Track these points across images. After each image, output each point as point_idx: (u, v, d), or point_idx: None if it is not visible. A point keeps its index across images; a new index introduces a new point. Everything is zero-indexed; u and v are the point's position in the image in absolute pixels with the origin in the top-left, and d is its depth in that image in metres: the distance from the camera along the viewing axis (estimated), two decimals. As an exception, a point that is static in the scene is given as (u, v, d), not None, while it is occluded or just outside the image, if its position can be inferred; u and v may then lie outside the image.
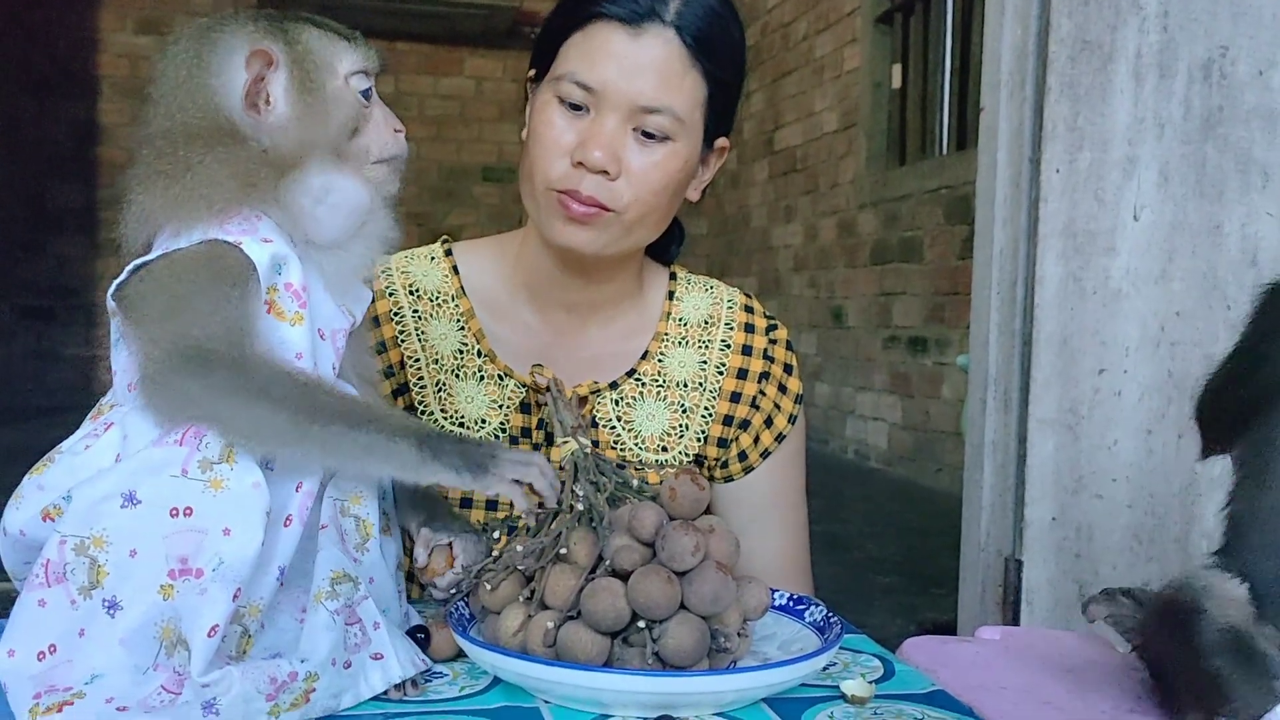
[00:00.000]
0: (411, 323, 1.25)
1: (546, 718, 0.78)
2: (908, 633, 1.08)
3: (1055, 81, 1.79)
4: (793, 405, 1.32)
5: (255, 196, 0.82)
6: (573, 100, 1.13)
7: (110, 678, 0.73)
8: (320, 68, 0.84)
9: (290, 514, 0.79)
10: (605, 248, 1.17)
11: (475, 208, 8.61)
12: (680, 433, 1.26)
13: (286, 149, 0.83)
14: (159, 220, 0.81)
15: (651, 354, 1.27)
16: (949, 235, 5.45)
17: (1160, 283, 1.81)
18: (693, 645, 0.79)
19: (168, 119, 0.84)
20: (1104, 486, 1.81)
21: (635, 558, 0.80)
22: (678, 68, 1.13)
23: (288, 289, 0.82)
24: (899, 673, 0.91)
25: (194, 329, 0.77)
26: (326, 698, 0.76)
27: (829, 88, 6.94)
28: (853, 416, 6.54)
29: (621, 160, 1.13)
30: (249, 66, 0.82)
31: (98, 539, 0.74)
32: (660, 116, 1.13)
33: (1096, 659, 1.05)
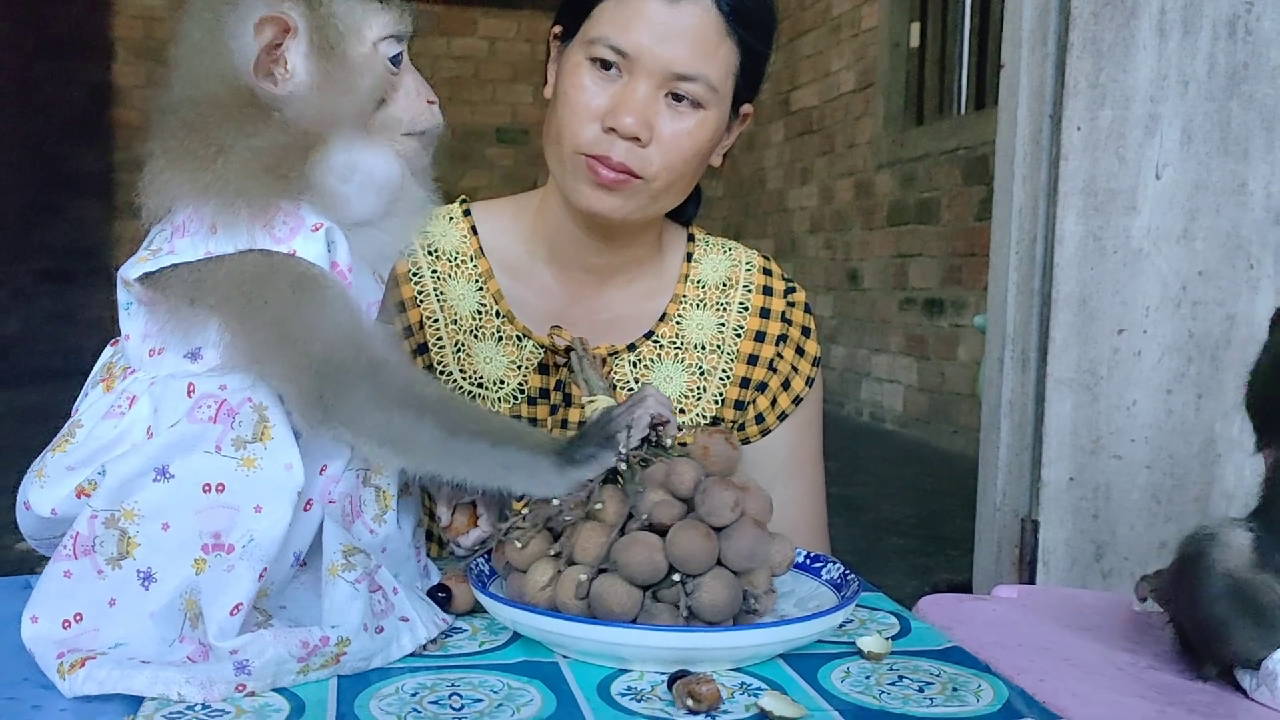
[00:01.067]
0: (430, 283, 1.25)
1: (565, 672, 0.78)
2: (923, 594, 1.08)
3: (1078, 37, 1.76)
4: (810, 368, 1.32)
5: (289, 188, 0.78)
6: (605, 59, 1.12)
7: (134, 645, 0.74)
8: (345, 33, 0.79)
9: (311, 498, 0.80)
10: (631, 214, 1.16)
11: (489, 169, 8.59)
12: (698, 395, 1.27)
13: (308, 122, 0.78)
14: (186, 200, 0.78)
15: (669, 316, 1.27)
16: (966, 196, 5.41)
17: (1182, 242, 1.79)
18: (726, 601, 0.79)
19: (190, 86, 0.80)
20: (1122, 447, 1.81)
21: (674, 512, 0.80)
22: (713, 36, 1.12)
23: (335, 268, 0.80)
24: (915, 629, 0.91)
25: (315, 345, 0.76)
26: (357, 660, 0.77)
27: (846, 47, 6.87)
28: (868, 379, 6.53)
29: (653, 127, 1.12)
30: (259, 34, 0.76)
31: (128, 512, 0.75)
32: (694, 84, 1.12)
33: (1114, 616, 1.05)
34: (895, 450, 5.69)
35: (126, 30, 8.27)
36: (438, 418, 0.79)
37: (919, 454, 5.53)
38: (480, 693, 0.74)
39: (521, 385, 1.22)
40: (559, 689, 0.75)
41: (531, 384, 1.22)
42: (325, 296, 0.78)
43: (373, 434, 0.78)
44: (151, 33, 8.25)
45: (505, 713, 0.71)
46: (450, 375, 1.22)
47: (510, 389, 1.22)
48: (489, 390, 1.22)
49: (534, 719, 0.70)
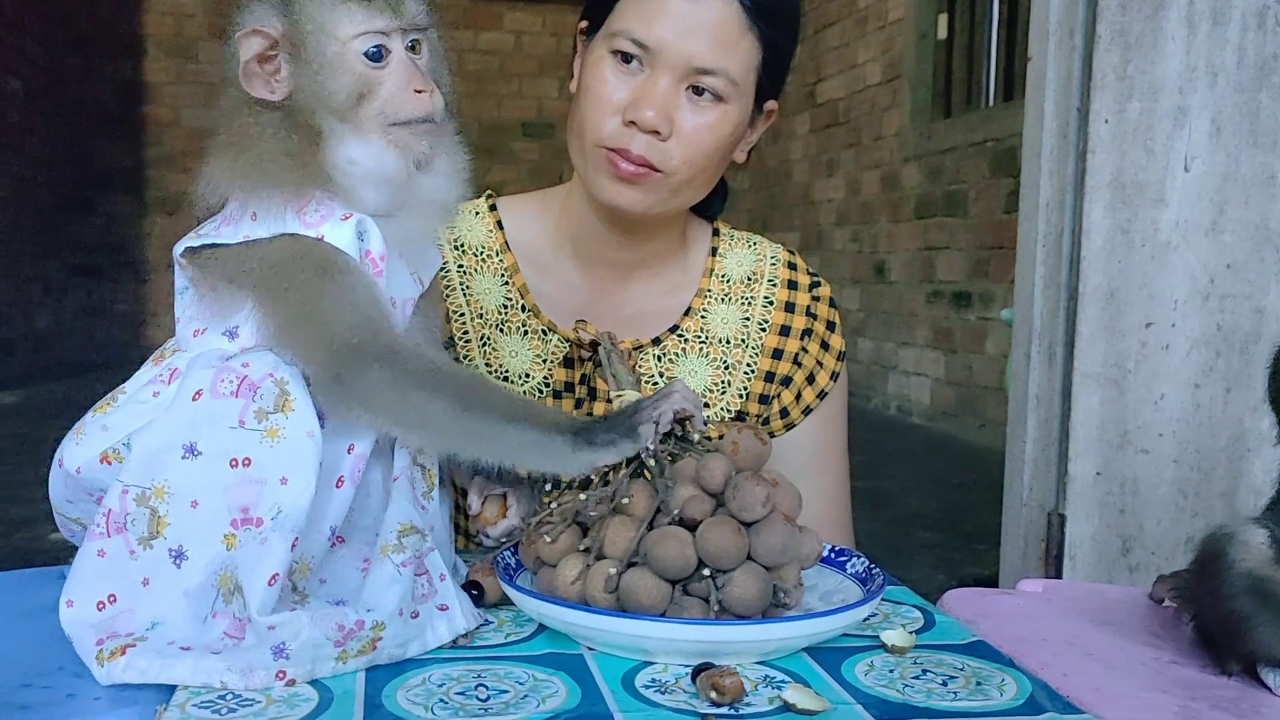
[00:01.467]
0: (456, 277, 1.26)
1: (591, 664, 0.79)
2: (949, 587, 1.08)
3: (1105, 30, 1.75)
4: (835, 362, 1.32)
5: (312, 176, 0.82)
6: (626, 52, 1.13)
7: (170, 625, 0.76)
8: (315, 34, 0.81)
9: (342, 475, 0.81)
10: (652, 208, 1.17)
11: (515, 163, 8.61)
12: (722, 389, 1.27)
13: (303, 122, 0.82)
14: (229, 188, 0.83)
15: (694, 310, 1.28)
16: (994, 188, 5.38)
17: (1211, 235, 1.78)
18: (757, 595, 0.80)
19: (225, 92, 0.85)
20: (1150, 441, 1.80)
21: (705, 507, 0.81)
22: (734, 30, 1.12)
23: (367, 256, 0.83)
24: (939, 623, 0.92)
25: (335, 326, 0.79)
26: (393, 646, 0.78)
27: (873, 39, 6.84)
28: (895, 372, 6.51)
29: (673, 121, 1.12)
30: (244, 47, 0.81)
31: (159, 490, 0.76)
32: (715, 78, 1.12)
33: (1139, 611, 1.04)
34: (922, 444, 5.67)
35: (157, 27, 8.33)
36: (453, 396, 0.81)
37: (946, 447, 5.51)
38: (506, 684, 0.75)
39: (546, 379, 1.23)
40: (584, 681, 0.76)
41: (557, 378, 1.23)
42: (347, 281, 0.80)
43: (388, 412, 0.80)
44: (181, 29, 8.32)
45: (531, 704, 0.72)
46: (476, 369, 1.23)
47: (535, 383, 1.23)
48: (514, 384, 1.23)
49: (559, 710, 0.71)
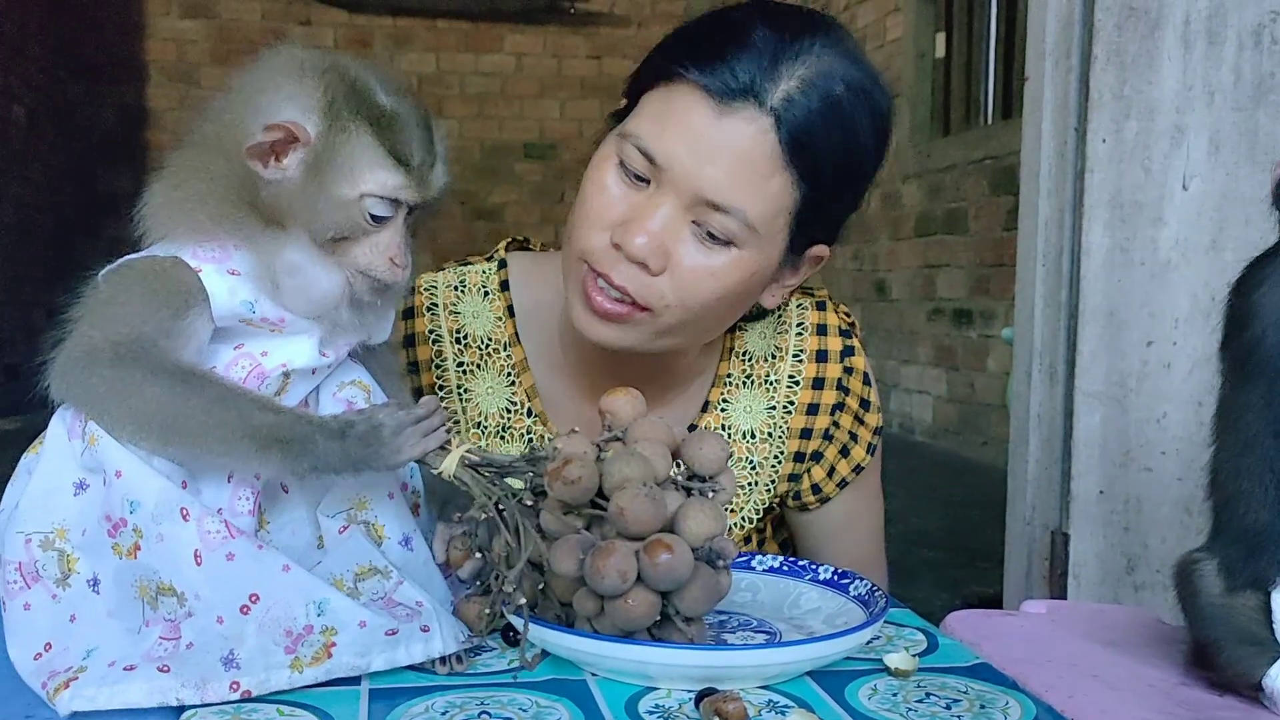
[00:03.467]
0: (454, 377, 1.12)
1: (593, 690, 0.79)
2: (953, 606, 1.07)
3: (1101, 49, 1.76)
4: (871, 435, 1.20)
5: (237, 230, 0.80)
6: (633, 169, 0.96)
7: (105, 647, 0.76)
8: (339, 172, 0.79)
9: (220, 507, 0.80)
10: (633, 346, 1.01)
11: (517, 185, 8.63)
12: (749, 491, 1.15)
13: (279, 209, 0.81)
14: (149, 222, 0.83)
15: (713, 404, 1.14)
16: (994, 206, 5.39)
17: (1211, 253, 1.78)
18: (703, 595, 0.79)
19: (208, 122, 0.83)
20: (1153, 459, 1.80)
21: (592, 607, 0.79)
22: (762, 166, 0.93)
23: (264, 322, 0.82)
24: (942, 646, 0.91)
25: (97, 331, 0.79)
26: (352, 656, 0.76)
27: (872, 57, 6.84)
28: (897, 390, 6.50)
29: (670, 255, 0.95)
30: (269, 131, 0.78)
31: (60, 530, 0.78)
32: (727, 217, 0.94)
33: (1144, 632, 1.04)
34: (925, 461, 5.66)
35: (159, 53, 8.38)
36: (171, 406, 0.77)
37: (948, 465, 5.50)
38: (509, 710, 0.75)
39: None
40: (587, 707, 0.76)
41: None
42: (163, 312, 0.79)
43: (102, 415, 0.78)
44: (184, 56, 8.36)
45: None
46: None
47: None
48: None
49: (563, 737, 0.71)
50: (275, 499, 0.84)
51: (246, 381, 0.81)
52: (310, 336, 0.84)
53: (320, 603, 0.77)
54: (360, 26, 8.60)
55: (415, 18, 8.63)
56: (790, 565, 1.00)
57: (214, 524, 0.76)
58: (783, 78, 0.93)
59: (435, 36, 8.68)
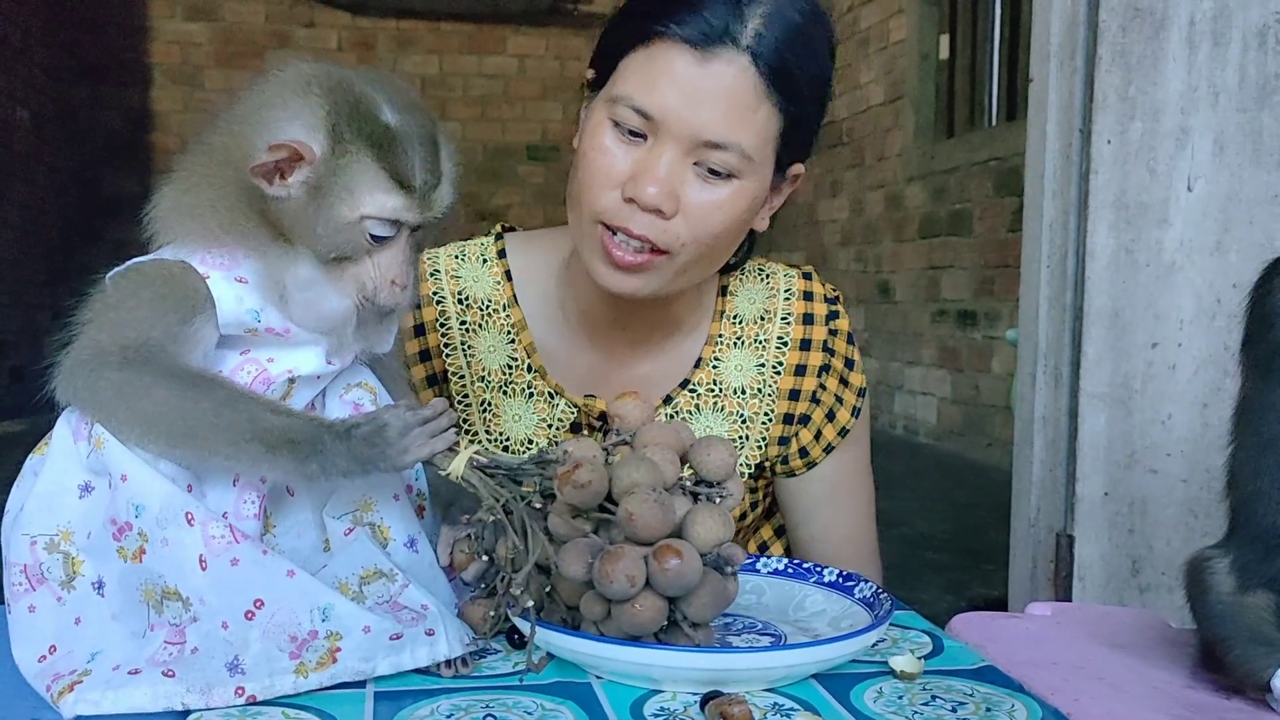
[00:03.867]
0: (458, 335, 1.19)
1: (599, 693, 0.79)
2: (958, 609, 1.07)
3: (1106, 51, 1.76)
4: (856, 398, 1.24)
5: (247, 240, 0.80)
6: (629, 126, 1.02)
7: (109, 650, 0.76)
8: (340, 193, 0.79)
9: (225, 510, 0.80)
10: (656, 291, 1.07)
11: (521, 186, 8.64)
12: (740, 444, 1.20)
13: (284, 225, 0.80)
14: (158, 225, 0.82)
15: (705, 360, 1.19)
16: (999, 207, 5.39)
17: (1216, 254, 1.78)
18: (710, 600, 0.79)
19: (217, 135, 0.83)
20: (1158, 461, 1.79)
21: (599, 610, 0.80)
22: (749, 100, 1.01)
23: (269, 331, 0.82)
24: (948, 648, 0.91)
25: (105, 335, 0.78)
26: (356, 661, 0.77)
27: (875, 59, 6.87)
28: (901, 391, 6.50)
29: (679, 197, 1.02)
30: (274, 150, 0.78)
31: (65, 533, 0.78)
32: (725, 153, 1.01)
33: (1150, 634, 1.04)
34: (929, 463, 5.66)
35: (163, 56, 8.39)
36: (180, 409, 0.77)
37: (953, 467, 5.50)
38: (514, 713, 0.75)
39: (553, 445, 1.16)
40: (592, 710, 0.76)
41: None
42: (170, 316, 0.79)
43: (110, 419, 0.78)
44: (188, 58, 8.38)
45: (539, 734, 0.72)
46: (475, 435, 1.17)
47: None
48: (516, 450, 1.16)
49: (568, 740, 0.71)
50: (281, 502, 0.84)
51: (252, 386, 0.81)
52: (316, 346, 0.84)
53: (325, 608, 0.77)
54: (364, 29, 8.61)
55: (418, 20, 8.63)
56: (795, 568, 1.00)
57: (219, 529, 0.76)
58: (749, 17, 1.01)
59: (438, 38, 8.69)
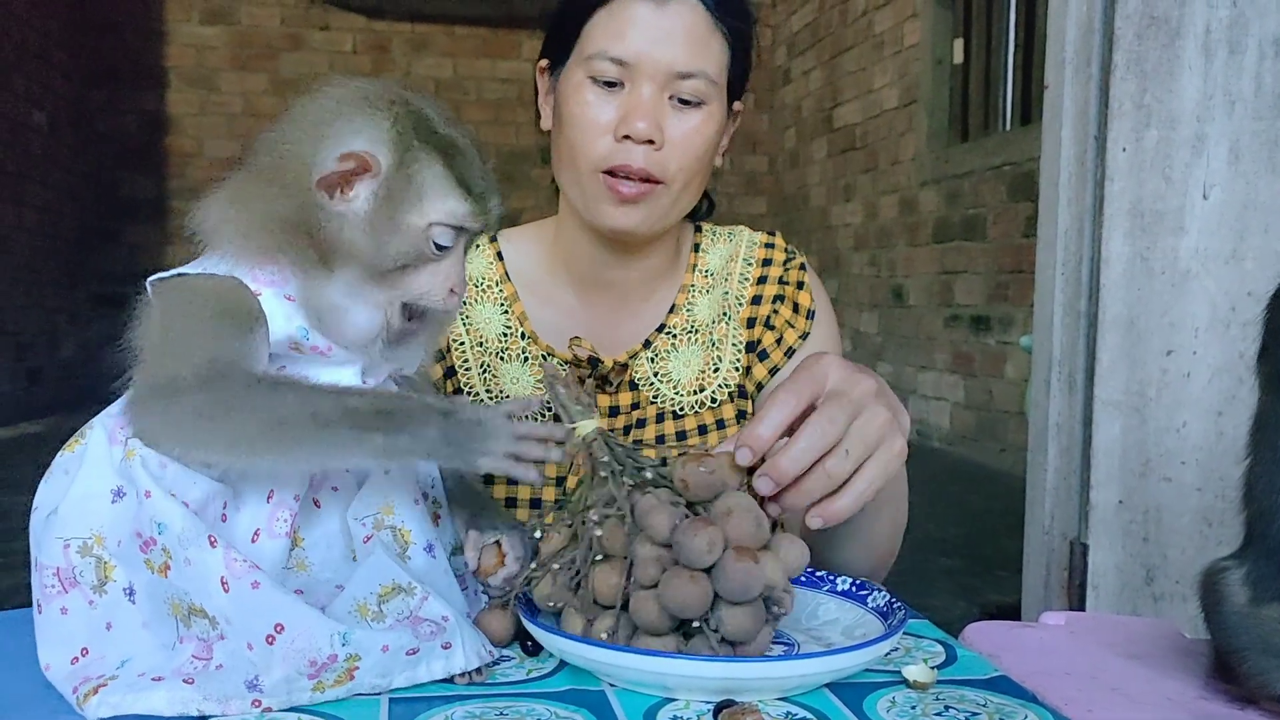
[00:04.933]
0: None
1: (612, 701, 0.79)
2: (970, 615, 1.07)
3: (1121, 59, 1.76)
4: (805, 321, 1.30)
5: (293, 260, 0.81)
6: (606, 78, 1.14)
7: (138, 658, 0.77)
8: (409, 201, 0.81)
9: (259, 528, 0.80)
10: (656, 223, 1.18)
11: (534, 190, 8.63)
12: (715, 365, 1.28)
13: (340, 241, 0.81)
14: (214, 232, 0.82)
15: (679, 306, 1.29)
16: (1012, 212, 5.38)
17: (1231, 262, 1.78)
18: (751, 623, 0.80)
19: (272, 149, 0.83)
20: (1173, 469, 1.79)
21: (654, 571, 0.80)
22: (704, 31, 1.14)
23: (314, 350, 0.83)
24: (961, 658, 0.91)
25: (175, 361, 0.78)
26: (374, 676, 0.77)
27: (889, 64, 6.86)
28: (914, 396, 6.49)
29: (663, 130, 1.14)
30: (342, 160, 0.80)
31: (98, 537, 0.78)
32: (695, 81, 1.14)
33: (1164, 644, 1.04)
34: (942, 469, 5.65)
35: (179, 59, 8.44)
36: (262, 415, 0.77)
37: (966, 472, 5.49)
38: (528, 721, 0.75)
39: (547, 404, 1.23)
40: (605, 717, 0.76)
41: None
42: (231, 335, 0.79)
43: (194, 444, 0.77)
44: (204, 61, 8.42)
45: (553, 742, 0.72)
46: (477, 396, 1.25)
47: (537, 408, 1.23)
48: None
49: (581, 748, 0.71)
50: (309, 514, 0.84)
51: None
52: (353, 365, 0.84)
53: (344, 633, 0.77)
54: (379, 32, 8.64)
55: (433, 24, 8.66)
56: (808, 576, 1.00)
57: (238, 555, 0.77)
58: None
59: (453, 42, 8.71)
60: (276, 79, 8.46)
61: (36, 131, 7.38)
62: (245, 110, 8.39)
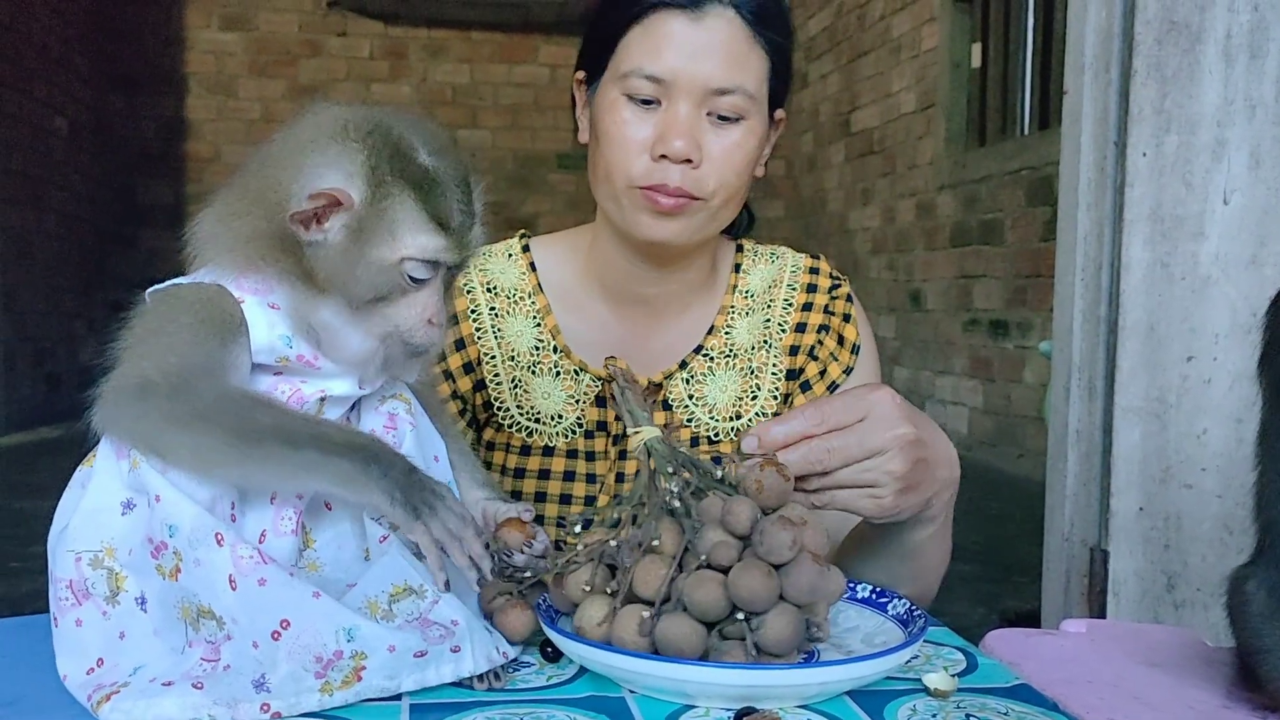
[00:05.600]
0: (488, 320, 1.25)
1: (632, 707, 0.79)
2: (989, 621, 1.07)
3: (1141, 64, 1.75)
4: (849, 355, 1.28)
5: (279, 271, 0.81)
6: (642, 95, 1.12)
7: (150, 664, 0.78)
8: (380, 235, 0.80)
9: (264, 529, 0.81)
10: (694, 236, 1.16)
11: (551, 195, 8.67)
12: (753, 395, 1.26)
13: (317, 274, 0.81)
14: (198, 247, 0.84)
15: (718, 328, 1.27)
16: (1031, 217, 5.36)
17: (1252, 268, 1.77)
18: (791, 635, 0.80)
19: (256, 173, 0.84)
20: (1193, 476, 1.78)
21: (733, 553, 0.81)
22: (743, 46, 1.12)
23: (299, 360, 0.83)
24: (982, 666, 0.91)
25: (148, 362, 0.79)
26: (381, 678, 0.77)
27: (907, 68, 6.85)
28: (932, 401, 6.47)
29: (701, 147, 1.12)
30: (314, 198, 0.79)
31: (109, 549, 0.79)
32: (733, 97, 1.11)
33: (1185, 652, 1.03)
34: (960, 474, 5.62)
35: (198, 65, 8.49)
36: (232, 428, 0.77)
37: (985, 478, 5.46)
38: (549, 728, 0.75)
39: (580, 419, 1.23)
40: (626, 725, 0.76)
41: (589, 417, 1.23)
42: (211, 341, 0.79)
43: (157, 449, 0.78)
44: (222, 68, 8.47)
45: (574, 748, 0.72)
46: (507, 411, 1.23)
47: (569, 423, 1.23)
48: (546, 425, 1.22)
49: (602, 755, 0.71)
50: (319, 516, 0.85)
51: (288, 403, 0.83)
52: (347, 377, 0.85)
53: (350, 629, 0.77)
54: (395, 38, 8.67)
55: (450, 29, 8.69)
56: (828, 583, 1.00)
57: (247, 549, 0.77)
58: None
59: (470, 48, 8.73)
60: (294, 85, 8.50)
61: (57, 137, 7.43)
62: (263, 116, 8.43)
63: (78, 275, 7.73)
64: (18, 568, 3.68)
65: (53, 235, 7.34)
